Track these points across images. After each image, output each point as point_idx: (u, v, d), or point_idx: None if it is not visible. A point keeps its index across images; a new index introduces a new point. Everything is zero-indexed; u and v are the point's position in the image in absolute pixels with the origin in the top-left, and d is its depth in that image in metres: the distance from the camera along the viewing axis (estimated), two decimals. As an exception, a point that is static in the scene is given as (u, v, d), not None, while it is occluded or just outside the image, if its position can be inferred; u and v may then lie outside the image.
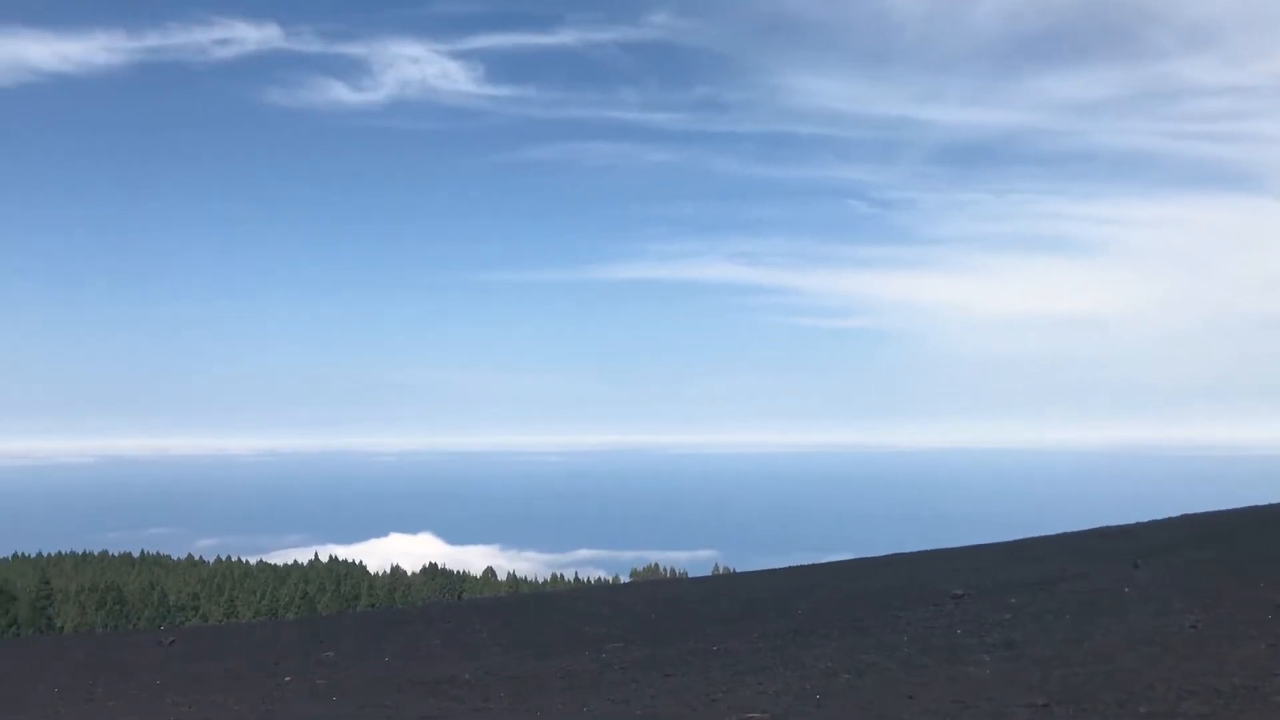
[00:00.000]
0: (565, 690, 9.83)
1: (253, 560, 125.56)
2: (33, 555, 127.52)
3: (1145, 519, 25.97)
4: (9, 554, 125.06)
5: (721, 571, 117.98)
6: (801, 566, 28.07)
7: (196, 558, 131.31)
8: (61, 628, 66.71)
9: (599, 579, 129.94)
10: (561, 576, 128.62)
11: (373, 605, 78.61)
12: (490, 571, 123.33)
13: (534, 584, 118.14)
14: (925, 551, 25.89)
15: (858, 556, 28.06)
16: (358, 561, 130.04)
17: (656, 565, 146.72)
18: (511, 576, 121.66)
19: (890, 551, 27.32)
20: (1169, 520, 24.78)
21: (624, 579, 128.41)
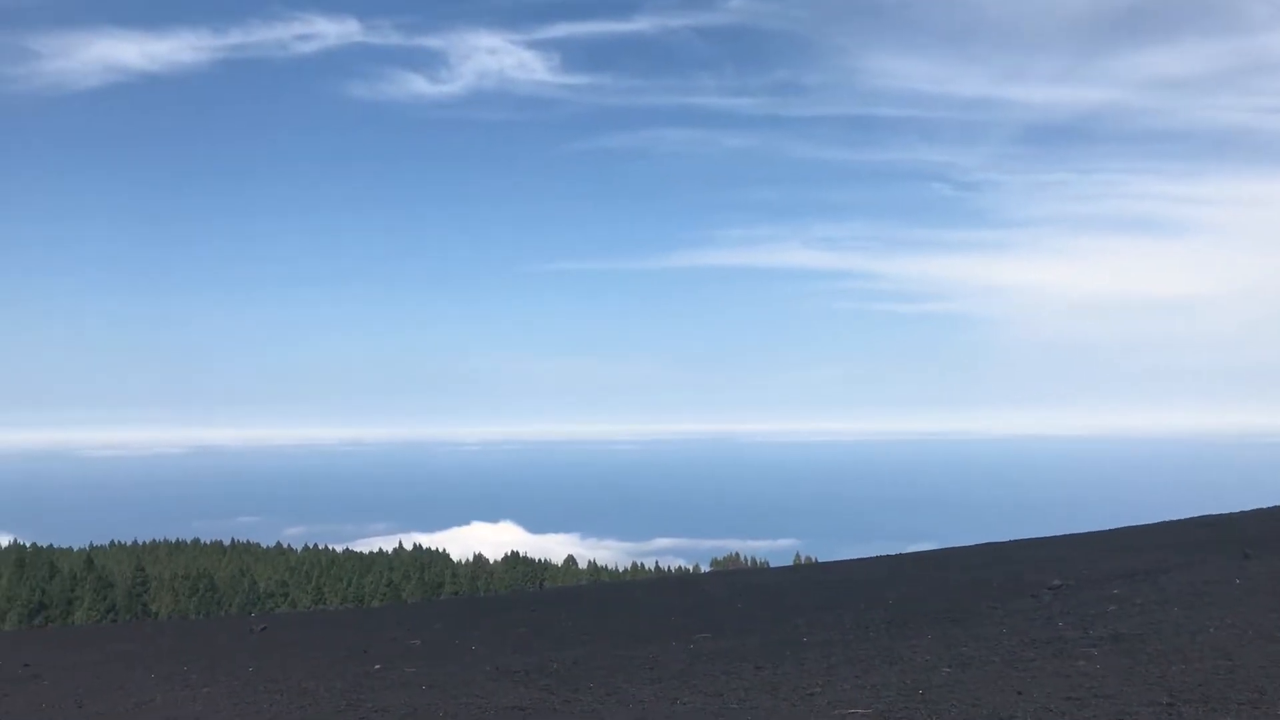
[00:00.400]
0: (654, 681, 9.64)
1: (339, 548, 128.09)
2: (128, 543, 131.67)
3: (1243, 508, 24.98)
4: (106, 541, 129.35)
5: (804, 561, 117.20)
6: (889, 556, 27.58)
7: (284, 545, 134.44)
8: (156, 614, 68.71)
9: (679, 568, 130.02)
10: (642, 565, 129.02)
11: (456, 593, 79.60)
12: (571, 560, 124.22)
13: (614, 573, 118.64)
14: (1016, 541, 25.22)
15: (942, 546, 27.47)
16: (441, 550, 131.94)
17: (737, 554, 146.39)
18: (592, 565, 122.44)
19: (976, 541, 26.66)
20: (1276, 509, 23.78)
21: (704, 568, 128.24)
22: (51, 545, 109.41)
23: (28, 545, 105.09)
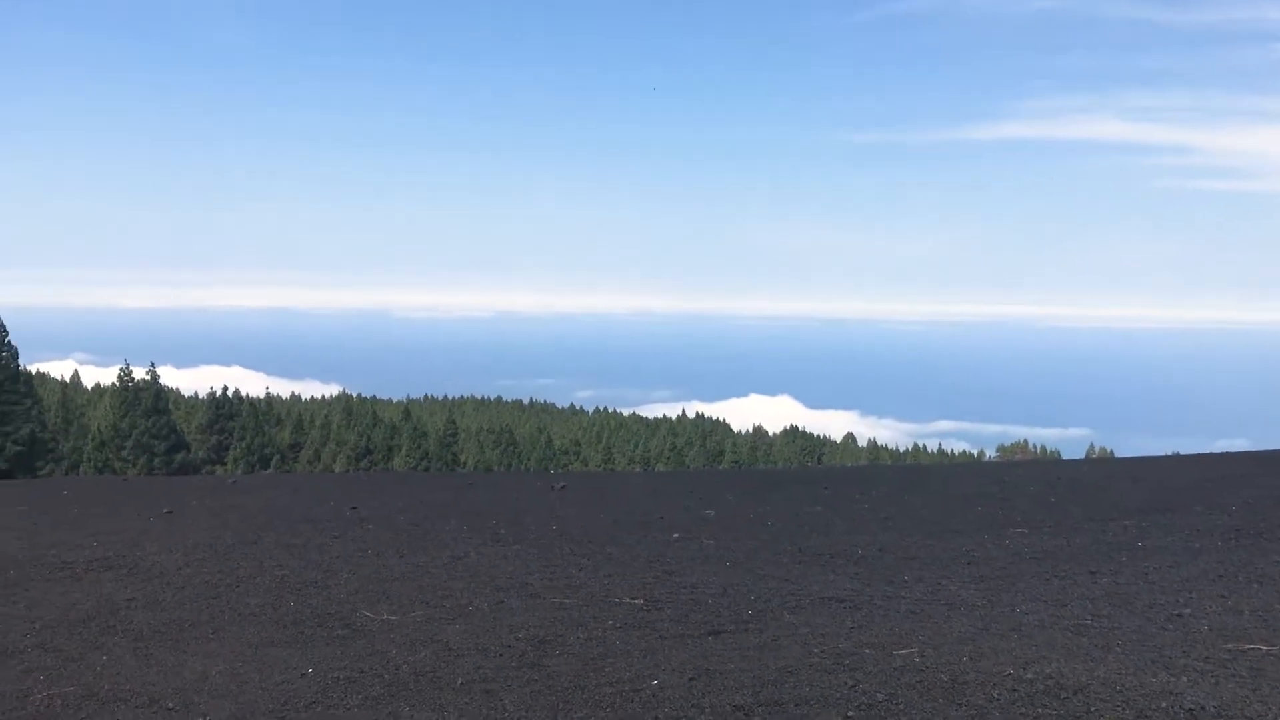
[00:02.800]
0: (976, 581, 8.84)
1: (626, 412, 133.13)
2: (440, 397, 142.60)
3: None
4: (420, 395, 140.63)
5: (1098, 452, 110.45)
6: (1218, 454, 24.97)
7: (577, 407, 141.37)
8: (464, 463, 74.05)
9: (963, 452, 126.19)
10: (924, 447, 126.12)
11: (737, 463, 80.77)
12: (850, 437, 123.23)
13: (895, 453, 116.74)
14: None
15: (1270, 448, 24.55)
16: (721, 419, 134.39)
17: (1025, 441, 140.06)
18: (872, 444, 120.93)
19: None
20: None
21: (990, 454, 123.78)
22: (375, 396, 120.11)
23: (354, 395, 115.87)
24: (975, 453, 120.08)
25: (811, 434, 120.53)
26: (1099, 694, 5.30)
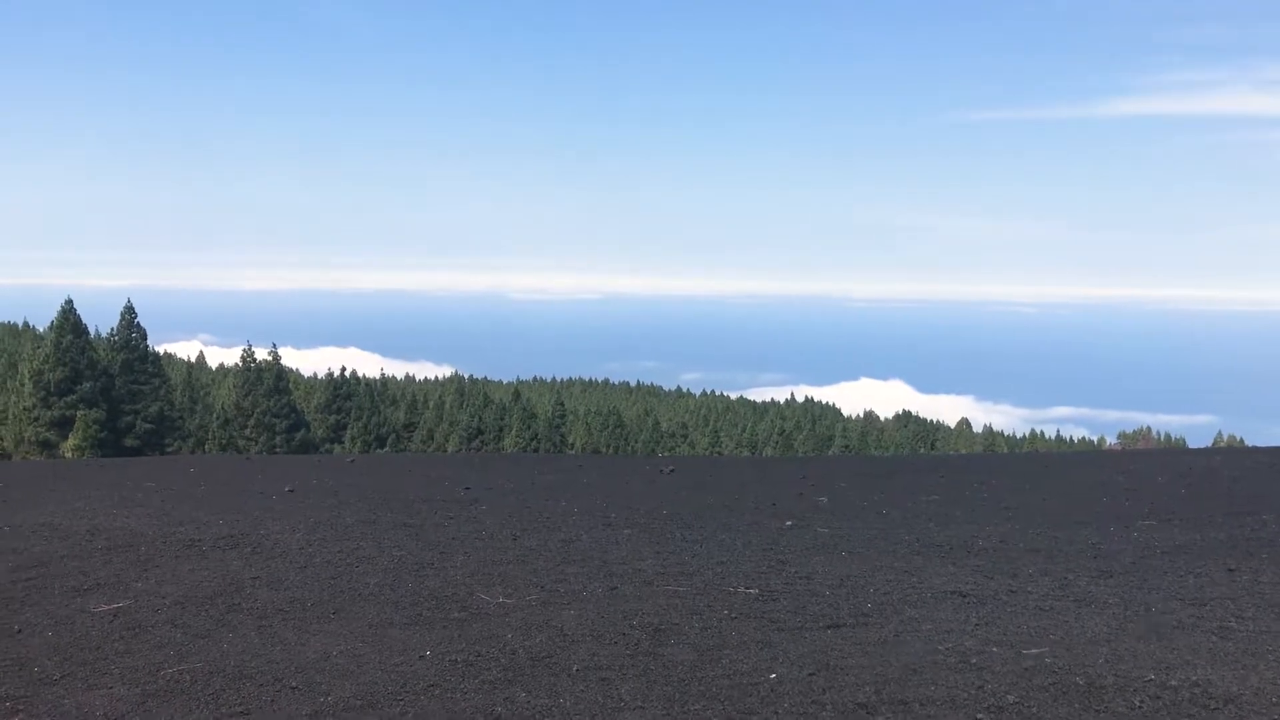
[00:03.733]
0: (1105, 576, 8.46)
1: (733, 395, 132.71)
2: (549, 379, 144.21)
3: None
4: (530, 376, 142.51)
5: (1226, 441, 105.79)
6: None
7: (684, 390, 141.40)
8: (572, 445, 74.71)
9: (1082, 439, 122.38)
10: (1041, 433, 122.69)
11: (848, 448, 79.77)
12: (965, 423, 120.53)
13: (1012, 439, 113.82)
14: None
15: None
16: (831, 403, 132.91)
17: (1148, 429, 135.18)
18: (988, 429, 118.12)
19: None
20: None
21: (1111, 440, 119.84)
22: (486, 378, 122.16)
23: (466, 377, 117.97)
24: (1095, 440, 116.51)
25: (925, 419, 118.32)
26: (1252, 705, 4.97)
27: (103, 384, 53.13)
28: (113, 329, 57.27)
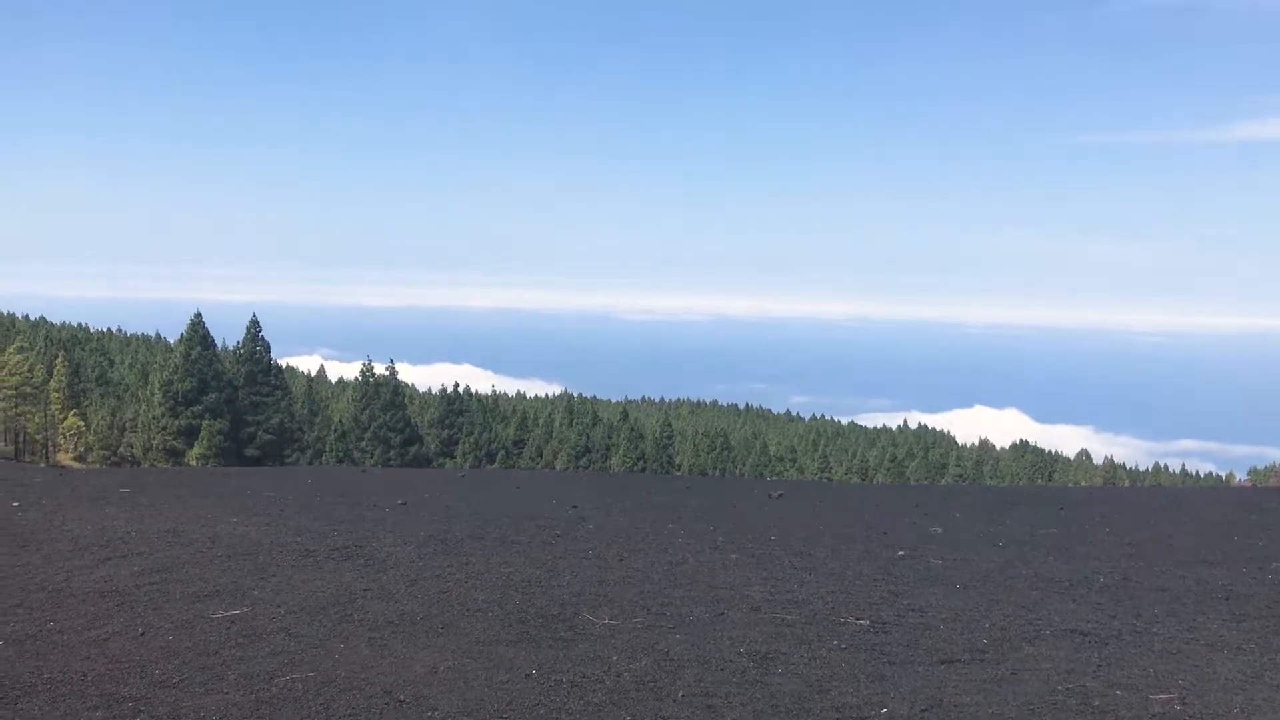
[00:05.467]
0: (1237, 620, 8.03)
1: (843, 420, 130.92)
2: (656, 399, 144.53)
3: None
4: (638, 396, 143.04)
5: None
6: None
7: (793, 413, 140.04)
8: (679, 466, 74.65)
9: (1209, 474, 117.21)
10: (1165, 467, 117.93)
11: (961, 477, 77.97)
12: (1084, 454, 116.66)
13: (1133, 472, 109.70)
14: None
15: None
16: (945, 431, 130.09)
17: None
18: (1109, 462, 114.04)
19: None
20: None
21: (1240, 476, 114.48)
22: (595, 396, 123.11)
23: (575, 395, 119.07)
24: (1223, 475, 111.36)
25: (1042, 449, 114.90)
26: (1406, 766, 4.64)
27: (227, 395, 55.12)
28: (238, 342, 59.46)
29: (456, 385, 77.51)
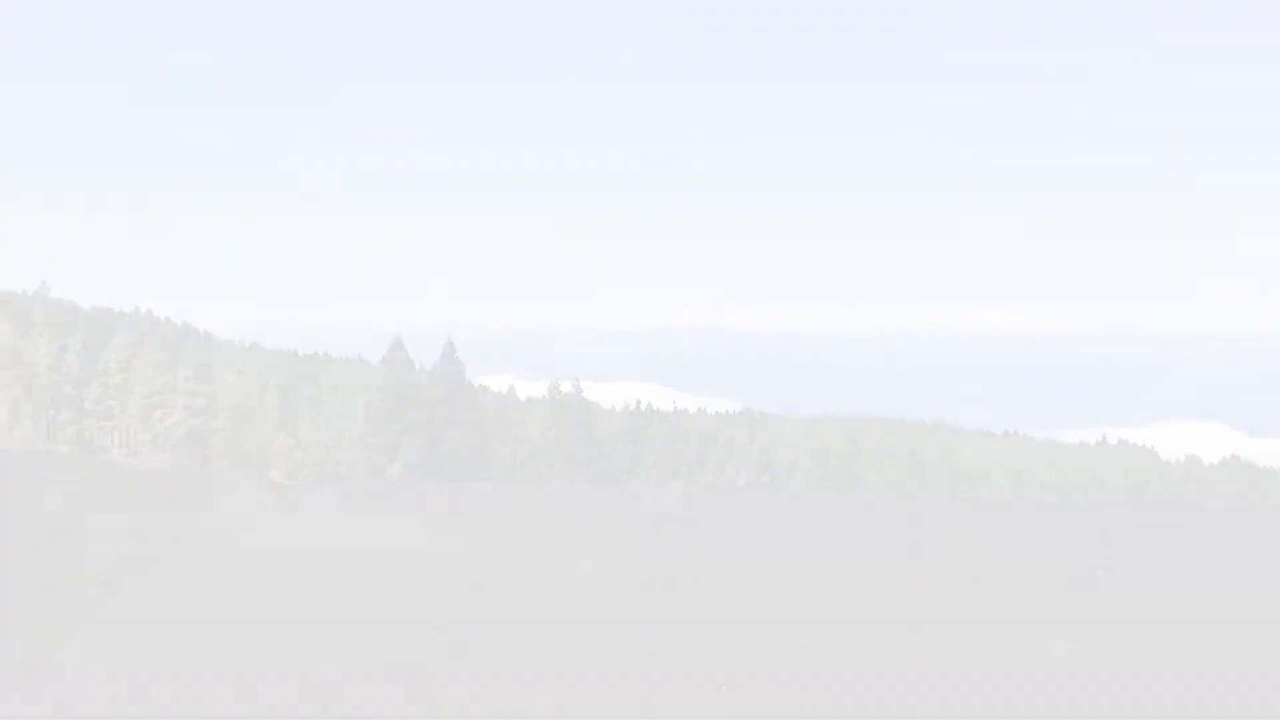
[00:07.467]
0: None
1: (1038, 435, 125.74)
2: (839, 414, 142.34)
3: None
4: (819, 412, 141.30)
5: None
6: None
7: (985, 430, 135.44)
8: (865, 482, 73.57)
9: None
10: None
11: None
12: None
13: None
14: None
15: None
16: (1147, 446, 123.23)
17: None
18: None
19: None
20: None
21: None
22: (778, 413, 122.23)
23: (757, 412, 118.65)
24: None
25: (1256, 465, 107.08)
26: None
27: (425, 414, 57.99)
28: (435, 363, 62.48)
29: (639, 403, 78.77)
